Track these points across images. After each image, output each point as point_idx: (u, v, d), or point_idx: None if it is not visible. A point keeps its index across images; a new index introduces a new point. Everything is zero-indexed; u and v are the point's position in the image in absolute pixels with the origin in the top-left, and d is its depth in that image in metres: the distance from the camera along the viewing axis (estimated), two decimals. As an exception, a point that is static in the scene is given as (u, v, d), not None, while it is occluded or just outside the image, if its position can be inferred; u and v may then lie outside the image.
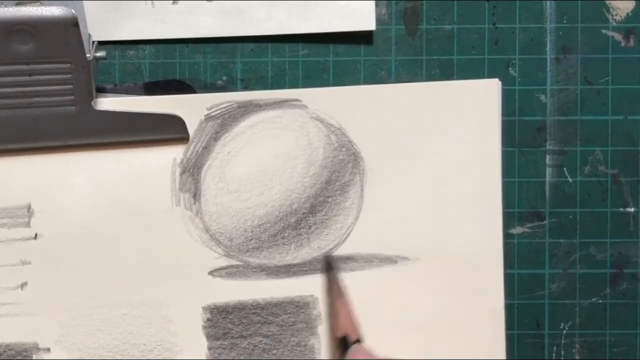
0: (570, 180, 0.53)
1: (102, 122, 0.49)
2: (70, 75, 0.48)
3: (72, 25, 0.47)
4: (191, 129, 0.51)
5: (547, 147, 0.53)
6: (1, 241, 0.50)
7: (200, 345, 0.51)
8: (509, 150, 0.53)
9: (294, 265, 0.52)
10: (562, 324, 0.54)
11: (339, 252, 0.52)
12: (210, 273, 0.51)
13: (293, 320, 0.52)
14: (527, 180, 0.53)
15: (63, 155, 0.50)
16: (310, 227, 0.52)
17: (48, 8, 0.46)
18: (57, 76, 0.48)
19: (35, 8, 0.46)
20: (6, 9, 0.46)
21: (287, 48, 0.53)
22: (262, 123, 0.51)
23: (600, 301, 0.54)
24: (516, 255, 0.53)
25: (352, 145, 0.52)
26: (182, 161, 0.51)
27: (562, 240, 0.53)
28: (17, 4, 0.47)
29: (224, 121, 0.51)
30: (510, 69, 0.53)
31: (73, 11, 0.46)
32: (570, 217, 0.53)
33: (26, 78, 0.48)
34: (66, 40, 0.47)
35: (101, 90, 0.51)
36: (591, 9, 0.53)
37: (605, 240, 0.53)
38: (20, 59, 0.47)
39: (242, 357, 0.52)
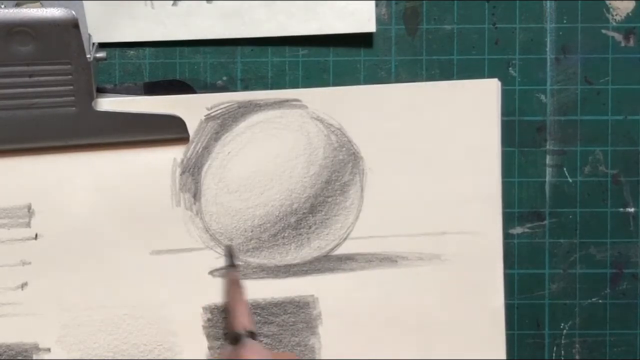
0: (570, 180, 0.53)
1: (103, 122, 0.49)
2: (70, 77, 0.48)
3: (72, 27, 0.47)
4: (191, 129, 0.51)
5: (547, 147, 0.53)
6: (1, 241, 0.50)
7: (200, 345, 0.51)
8: (509, 150, 0.53)
9: (294, 265, 0.52)
10: (562, 324, 0.54)
11: (339, 252, 0.52)
12: (211, 273, 0.51)
13: (293, 320, 0.52)
14: (527, 180, 0.53)
15: (63, 155, 0.50)
16: (310, 227, 0.52)
17: (48, 10, 0.46)
18: (57, 77, 0.48)
19: (35, 9, 0.46)
20: (6, 10, 0.46)
21: (287, 48, 0.53)
22: (262, 123, 0.51)
23: (600, 301, 0.54)
24: (516, 255, 0.53)
25: (352, 145, 0.52)
26: (182, 161, 0.51)
27: (562, 240, 0.53)
28: (17, 5, 0.47)
29: (224, 121, 0.51)
30: (510, 69, 0.53)
31: (73, 12, 0.46)
32: (570, 217, 0.53)
33: (26, 79, 0.48)
34: (66, 42, 0.47)
35: (101, 91, 0.51)
36: (591, 9, 0.53)
37: (605, 240, 0.53)
38: (21, 60, 0.47)
39: (242, 357, 0.52)
